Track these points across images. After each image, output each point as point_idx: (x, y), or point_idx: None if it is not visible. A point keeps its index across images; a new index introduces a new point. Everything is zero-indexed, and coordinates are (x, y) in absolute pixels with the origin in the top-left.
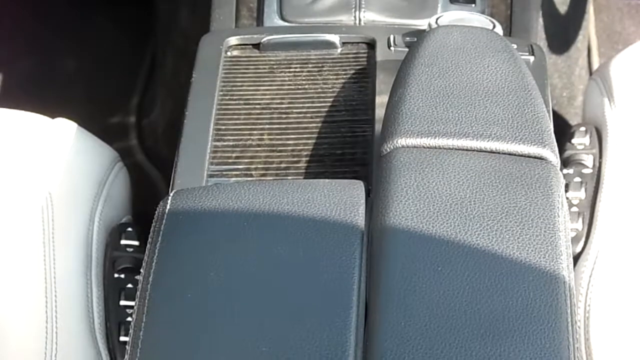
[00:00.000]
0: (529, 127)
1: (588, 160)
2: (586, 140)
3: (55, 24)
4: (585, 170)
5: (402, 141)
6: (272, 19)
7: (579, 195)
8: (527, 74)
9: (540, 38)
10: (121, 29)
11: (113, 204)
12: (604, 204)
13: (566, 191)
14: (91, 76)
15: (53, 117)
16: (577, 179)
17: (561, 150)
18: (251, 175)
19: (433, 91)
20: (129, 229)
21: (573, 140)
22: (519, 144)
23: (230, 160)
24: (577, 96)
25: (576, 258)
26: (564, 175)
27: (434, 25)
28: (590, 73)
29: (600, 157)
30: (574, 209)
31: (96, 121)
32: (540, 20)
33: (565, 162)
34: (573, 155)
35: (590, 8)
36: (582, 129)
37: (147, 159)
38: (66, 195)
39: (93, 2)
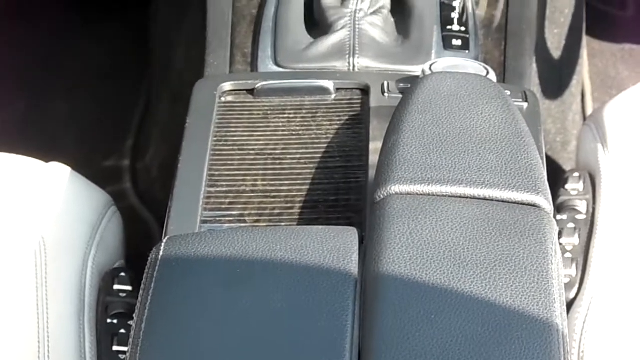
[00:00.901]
0: (522, 175)
1: (582, 206)
2: (580, 186)
3: (49, 64)
4: (579, 216)
5: (395, 188)
6: (267, 65)
7: (572, 241)
8: (521, 121)
9: (533, 83)
10: (116, 71)
11: (106, 249)
12: (597, 250)
13: (560, 237)
14: (85, 118)
15: (47, 160)
16: (571, 225)
17: (555, 195)
18: (245, 222)
19: (426, 138)
20: (122, 274)
21: (567, 186)
22: (513, 191)
23: (223, 206)
24: (571, 141)
25: (570, 304)
26: (558, 221)
27: (427, 72)
28: (584, 118)
29: (594, 203)
30: (568, 255)
31: (90, 164)
32: (534, 65)
33: (559, 208)
34: (567, 201)
35: (584, 53)
36: (576, 174)
37: (141, 202)
38: (59, 239)
39: (91, 45)
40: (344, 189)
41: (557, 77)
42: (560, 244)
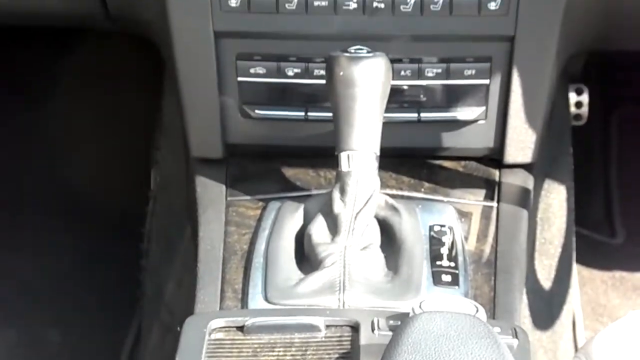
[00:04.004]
0: None
1: None
2: None
3: (37, 292)
4: None
5: None
6: (257, 301)
7: None
8: None
9: (524, 316)
10: (107, 302)
11: None
12: None
13: None
14: (75, 349)
15: None
16: None
17: None
18: None
19: None
20: None
21: None
22: None
23: None
24: None
25: None
26: None
27: (417, 310)
28: (576, 347)
29: None
30: None
31: None
32: (524, 298)
33: None
34: None
35: (575, 282)
36: None
37: None
38: None
39: (83, 276)
40: None
41: (547, 307)
42: None
